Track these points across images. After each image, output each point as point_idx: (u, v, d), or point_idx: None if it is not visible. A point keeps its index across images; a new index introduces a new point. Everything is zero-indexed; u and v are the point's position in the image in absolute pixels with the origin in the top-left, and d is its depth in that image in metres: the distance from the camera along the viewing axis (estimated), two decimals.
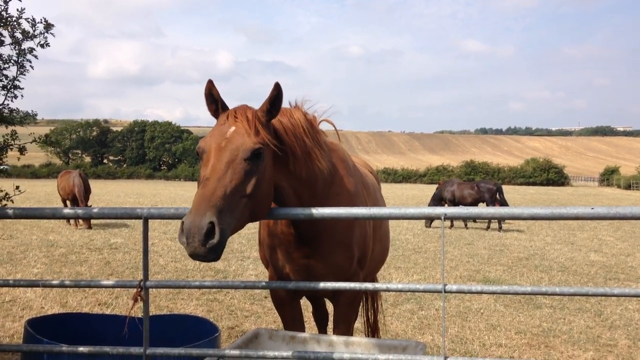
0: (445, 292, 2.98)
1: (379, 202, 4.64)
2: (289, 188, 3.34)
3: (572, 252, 15.24)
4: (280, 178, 3.24)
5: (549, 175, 78.02)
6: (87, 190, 19.15)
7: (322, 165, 3.45)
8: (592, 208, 2.81)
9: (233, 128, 2.99)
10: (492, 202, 20.74)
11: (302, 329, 4.16)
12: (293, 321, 4.13)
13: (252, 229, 18.21)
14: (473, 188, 21.14)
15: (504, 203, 20.86)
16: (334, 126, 4.10)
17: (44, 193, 37.93)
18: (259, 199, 2.97)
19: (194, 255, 2.65)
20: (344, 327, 4.03)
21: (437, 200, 21.73)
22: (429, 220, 20.32)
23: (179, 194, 40.54)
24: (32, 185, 47.91)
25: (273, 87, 3.04)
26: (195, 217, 2.62)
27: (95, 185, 21.97)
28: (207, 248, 2.63)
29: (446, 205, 21.31)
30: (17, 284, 3.90)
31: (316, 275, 3.74)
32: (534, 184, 76.35)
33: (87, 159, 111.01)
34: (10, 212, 3.30)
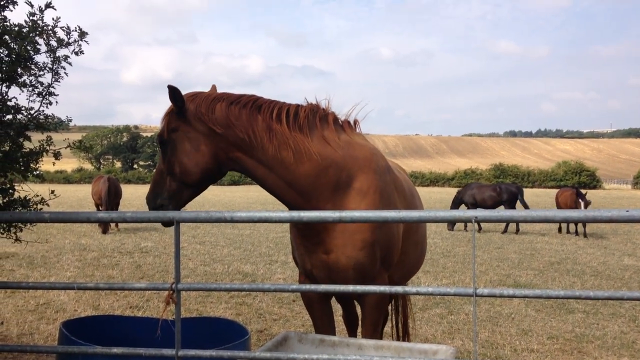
0: (476, 295, 2.95)
1: (415, 203, 4.53)
2: (261, 168, 3.66)
3: (605, 256, 14.92)
4: (242, 157, 3.65)
5: (581, 178, 76.42)
6: (117, 195, 19.40)
7: (304, 151, 3.62)
8: (627, 210, 2.75)
9: None
10: (510, 204, 20.43)
11: (333, 331, 4.16)
12: (323, 321, 4.13)
13: (279, 233, 18.29)
14: (495, 190, 20.86)
15: (525, 206, 20.47)
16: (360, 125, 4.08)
17: (76, 198, 38.69)
18: (180, 173, 3.61)
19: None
20: (371, 329, 4.00)
21: (458, 204, 21.44)
22: (452, 223, 20.08)
23: (207, 198, 40.83)
24: (65, 191, 48.83)
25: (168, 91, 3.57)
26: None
27: (125, 190, 22.36)
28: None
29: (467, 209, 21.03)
30: (52, 287, 4.00)
31: (337, 271, 3.76)
32: (565, 187, 74.87)
33: (118, 165, 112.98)
34: (46, 215, 3.37)
